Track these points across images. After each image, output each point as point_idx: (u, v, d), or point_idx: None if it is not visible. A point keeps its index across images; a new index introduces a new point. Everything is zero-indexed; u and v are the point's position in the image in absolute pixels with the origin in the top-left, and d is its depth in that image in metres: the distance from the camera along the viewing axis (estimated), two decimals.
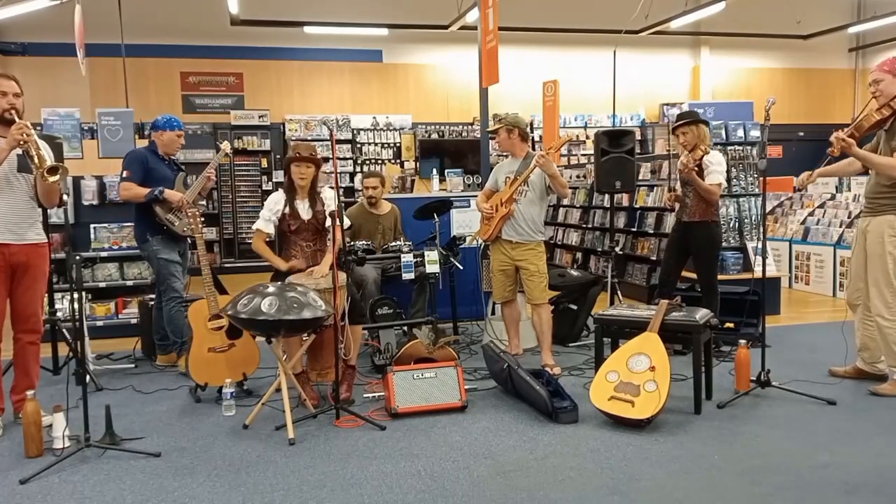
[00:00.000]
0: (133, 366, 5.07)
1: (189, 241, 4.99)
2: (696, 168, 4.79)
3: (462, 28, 11.34)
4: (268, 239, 4.44)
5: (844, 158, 4.23)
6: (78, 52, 6.94)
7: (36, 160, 3.45)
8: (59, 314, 4.99)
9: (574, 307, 5.54)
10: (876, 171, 4.04)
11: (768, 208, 8.81)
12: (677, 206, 5.12)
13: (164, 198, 4.71)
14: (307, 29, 11.62)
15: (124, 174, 4.77)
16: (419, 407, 3.85)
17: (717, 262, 5.16)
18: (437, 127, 12.44)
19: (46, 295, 4.10)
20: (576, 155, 12.89)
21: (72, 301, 3.65)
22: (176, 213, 4.78)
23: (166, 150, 4.92)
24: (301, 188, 4.34)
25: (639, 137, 12.40)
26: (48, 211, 4.20)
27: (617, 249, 6.72)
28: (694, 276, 5.30)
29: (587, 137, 12.75)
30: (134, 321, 5.86)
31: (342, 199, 3.99)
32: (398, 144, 11.93)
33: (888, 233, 3.98)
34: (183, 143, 5.01)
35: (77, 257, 3.36)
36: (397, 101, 12.83)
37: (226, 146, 5.16)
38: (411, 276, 5.17)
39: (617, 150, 5.44)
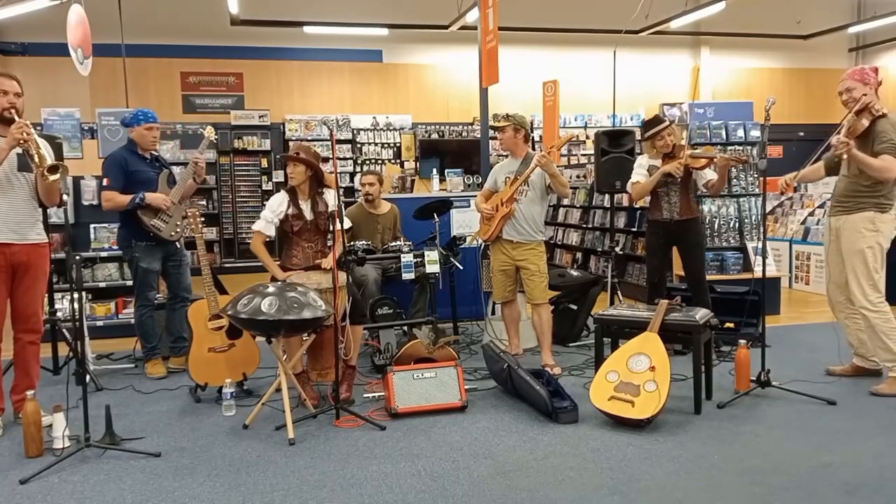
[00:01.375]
0: (133, 366, 5.07)
1: (177, 246, 4.82)
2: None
3: (462, 28, 11.34)
4: (267, 240, 4.43)
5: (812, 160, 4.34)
6: (72, 52, 6.91)
7: (36, 159, 3.45)
8: (59, 314, 4.98)
9: (574, 307, 5.54)
10: (855, 168, 4.08)
11: (768, 208, 8.80)
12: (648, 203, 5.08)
13: (147, 203, 4.52)
14: (307, 29, 11.62)
15: (104, 182, 4.56)
16: (419, 407, 3.85)
17: (705, 259, 5.18)
18: (437, 127, 12.44)
19: (46, 295, 4.10)
20: (576, 155, 12.89)
21: (72, 301, 3.65)
22: (162, 218, 4.59)
23: (143, 147, 4.68)
24: (296, 187, 4.35)
25: (639, 137, 12.39)
26: (48, 211, 4.19)
27: (617, 249, 6.72)
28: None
29: (587, 137, 12.75)
30: (134, 321, 5.85)
31: (342, 199, 3.99)
32: (398, 144, 11.93)
33: (868, 227, 4.07)
34: (156, 136, 4.67)
35: (77, 257, 3.36)
36: (397, 101, 12.83)
37: (210, 131, 4.82)
38: (411, 276, 5.17)
39: (617, 150, 5.45)
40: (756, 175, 6.53)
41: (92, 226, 5.96)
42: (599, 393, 3.68)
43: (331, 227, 4.28)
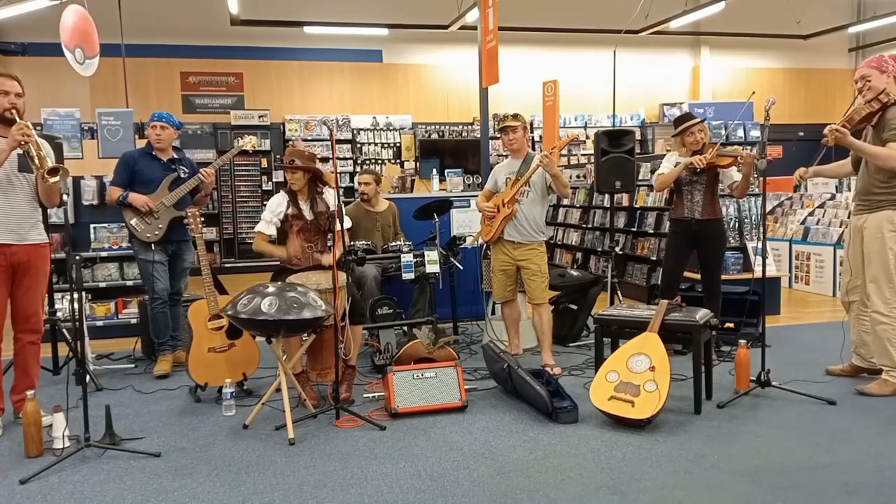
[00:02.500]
0: (133, 366, 5.07)
1: (154, 248, 4.74)
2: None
3: (462, 28, 11.34)
4: (269, 240, 4.46)
5: (822, 155, 4.29)
6: (68, 52, 6.89)
7: (37, 160, 3.45)
8: (59, 314, 4.98)
9: (574, 307, 5.54)
10: (871, 164, 4.03)
11: (768, 208, 8.81)
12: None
13: (129, 202, 4.64)
14: (307, 29, 11.63)
15: (110, 178, 4.83)
16: (419, 407, 3.85)
17: (723, 262, 5.15)
18: (437, 127, 12.44)
19: (46, 295, 4.10)
20: (576, 155, 12.90)
21: (72, 301, 3.65)
22: (145, 219, 4.66)
23: (156, 146, 4.79)
24: (297, 190, 4.36)
25: (639, 137, 12.42)
26: (48, 211, 4.19)
27: (617, 249, 6.72)
28: (694, 276, 5.29)
29: (587, 137, 12.76)
30: (134, 321, 5.85)
31: (342, 198, 3.99)
32: (398, 144, 11.94)
33: (888, 227, 3.99)
34: (159, 135, 4.73)
35: (77, 257, 3.36)
36: (397, 101, 12.84)
37: (246, 141, 5.16)
38: (411, 276, 5.17)
39: (617, 150, 5.44)
40: (756, 175, 6.52)
41: (92, 226, 5.97)
42: (599, 393, 3.68)
43: (331, 227, 4.28)
